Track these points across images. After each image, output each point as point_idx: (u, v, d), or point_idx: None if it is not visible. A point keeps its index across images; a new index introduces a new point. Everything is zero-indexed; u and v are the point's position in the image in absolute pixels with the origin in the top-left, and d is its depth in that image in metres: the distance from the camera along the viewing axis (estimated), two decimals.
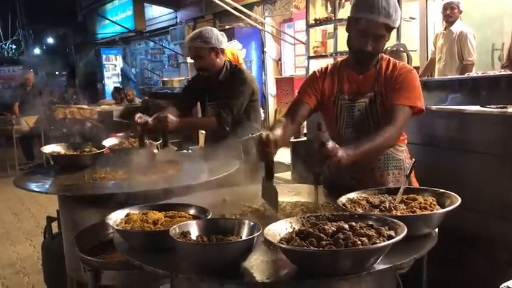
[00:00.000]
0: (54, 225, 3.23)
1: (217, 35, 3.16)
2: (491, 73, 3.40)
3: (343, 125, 2.23)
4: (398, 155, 2.25)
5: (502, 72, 3.33)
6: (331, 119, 2.28)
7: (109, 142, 3.35)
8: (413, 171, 2.15)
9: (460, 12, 5.43)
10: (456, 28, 5.40)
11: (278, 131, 2.03)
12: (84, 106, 9.69)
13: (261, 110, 8.06)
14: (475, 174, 2.63)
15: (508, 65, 4.69)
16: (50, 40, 25.00)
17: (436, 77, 5.41)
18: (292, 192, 2.26)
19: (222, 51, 3.20)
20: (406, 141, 2.31)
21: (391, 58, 2.24)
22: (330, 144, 1.71)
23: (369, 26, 2.06)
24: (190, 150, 3.93)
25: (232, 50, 8.47)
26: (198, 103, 3.45)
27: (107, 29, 17.40)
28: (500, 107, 2.66)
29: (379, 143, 1.97)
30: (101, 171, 2.81)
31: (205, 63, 3.16)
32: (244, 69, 3.39)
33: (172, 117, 2.93)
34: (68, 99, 11.96)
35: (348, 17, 2.18)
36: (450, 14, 5.41)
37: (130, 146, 3.27)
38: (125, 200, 2.18)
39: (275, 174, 2.05)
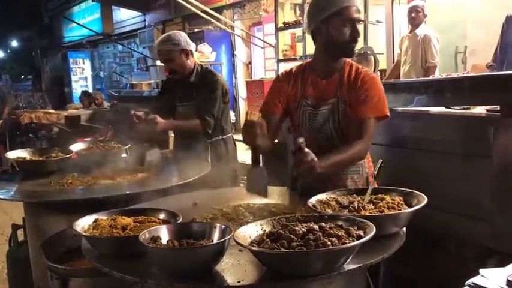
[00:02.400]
0: (20, 233, 3.13)
1: (186, 37, 3.23)
2: (455, 75, 3.49)
3: (305, 130, 2.23)
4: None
5: (466, 75, 3.43)
6: (295, 123, 2.30)
7: (76, 147, 3.28)
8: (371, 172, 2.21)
9: (425, 16, 5.58)
10: (421, 31, 5.54)
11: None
12: (50, 111, 9.46)
13: (232, 113, 8.08)
14: (440, 174, 2.69)
15: (493, 65, 4.79)
16: (14, 43, 24.38)
17: (402, 79, 5.52)
18: None
19: (192, 52, 3.26)
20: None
21: (353, 63, 2.26)
22: (307, 150, 1.75)
23: (352, 12, 2.10)
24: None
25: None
26: None
27: (74, 32, 17.09)
28: (464, 108, 2.74)
29: (351, 156, 2.05)
30: (67, 177, 2.75)
31: (176, 65, 3.21)
32: (214, 71, 3.45)
33: (160, 119, 3.00)
34: (34, 103, 11.66)
35: (322, 19, 2.13)
36: (415, 17, 5.55)
37: (98, 151, 3.21)
38: (92, 206, 2.13)
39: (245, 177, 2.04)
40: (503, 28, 4.69)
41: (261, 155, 1.95)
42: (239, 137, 3.04)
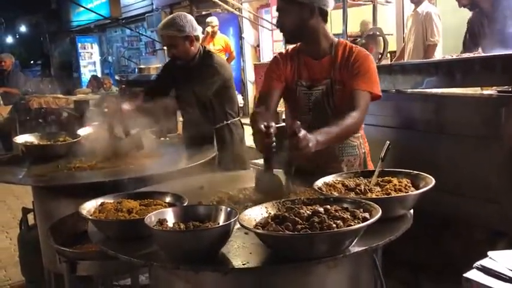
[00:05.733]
0: (31, 216, 3.17)
1: (192, 22, 3.07)
2: (465, 55, 3.43)
3: (301, 110, 2.26)
4: (353, 142, 2.27)
5: (476, 55, 3.36)
6: (292, 104, 2.32)
7: (84, 131, 3.29)
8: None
9: None
10: (422, 9, 5.39)
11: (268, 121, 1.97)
12: (59, 95, 9.49)
13: (240, 97, 8.05)
14: (450, 156, 2.67)
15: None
16: (23, 28, 24.41)
17: (406, 58, 5.42)
18: None
19: (197, 38, 3.11)
20: (362, 127, 2.33)
21: (348, 43, 2.26)
22: (302, 133, 1.71)
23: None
24: (168, 138, 3.89)
25: (225, 38, 8.40)
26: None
27: (81, 17, 17.03)
28: (474, 89, 2.70)
29: (346, 127, 2.01)
30: (75, 161, 2.76)
31: (179, 52, 3.08)
32: (215, 55, 3.27)
33: (126, 107, 2.82)
34: (44, 88, 11.70)
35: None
36: None
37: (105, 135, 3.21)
38: (100, 189, 2.14)
39: (255, 161, 2.04)
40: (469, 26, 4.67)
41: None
42: (246, 120, 3.01)
